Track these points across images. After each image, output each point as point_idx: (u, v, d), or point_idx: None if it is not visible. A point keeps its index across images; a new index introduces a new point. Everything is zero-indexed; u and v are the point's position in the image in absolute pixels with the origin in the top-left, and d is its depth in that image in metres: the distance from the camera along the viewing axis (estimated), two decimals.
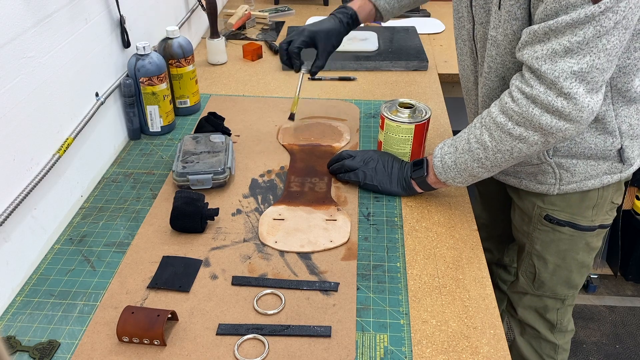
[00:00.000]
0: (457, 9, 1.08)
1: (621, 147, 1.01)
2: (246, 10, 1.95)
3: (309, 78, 1.22)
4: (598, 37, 0.80)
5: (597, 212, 1.10)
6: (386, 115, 1.14)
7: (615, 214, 1.14)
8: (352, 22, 1.24)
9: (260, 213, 1.06)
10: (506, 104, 0.91)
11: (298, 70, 1.22)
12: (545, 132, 0.89)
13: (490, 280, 0.93)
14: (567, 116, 0.86)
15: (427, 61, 1.65)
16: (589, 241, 1.14)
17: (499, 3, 0.92)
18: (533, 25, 0.86)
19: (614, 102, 0.97)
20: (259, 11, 2.04)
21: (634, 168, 1.06)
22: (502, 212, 1.36)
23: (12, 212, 0.86)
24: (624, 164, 1.04)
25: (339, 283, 0.91)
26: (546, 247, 1.16)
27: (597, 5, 0.78)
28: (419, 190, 1.09)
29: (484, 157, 0.96)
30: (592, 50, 0.81)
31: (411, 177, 1.08)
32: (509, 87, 0.94)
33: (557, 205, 1.10)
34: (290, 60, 1.21)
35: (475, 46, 1.05)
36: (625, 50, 0.91)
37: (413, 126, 1.13)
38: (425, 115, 1.15)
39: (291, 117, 1.28)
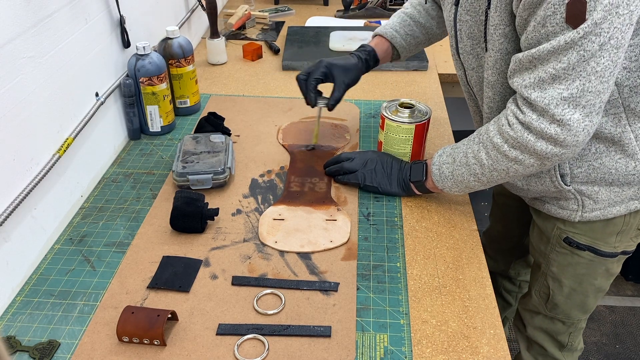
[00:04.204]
0: (451, 54, 1.07)
1: None
2: (246, 10, 1.95)
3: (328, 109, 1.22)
4: (584, 61, 0.78)
5: (621, 239, 1.04)
6: (386, 115, 1.14)
7: (639, 240, 1.07)
8: (370, 58, 1.23)
9: (260, 213, 1.06)
10: (503, 125, 0.90)
11: (314, 105, 1.18)
12: (540, 157, 0.88)
13: (490, 280, 0.93)
14: (562, 142, 0.84)
15: (427, 61, 1.65)
16: (609, 267, 1.08)
17: (486, 46, 0.91)
18: (518, 54, 0.85)
19: (631, 123, 0.91)
20: (259, 11, 2.04)
21: None
22: (517, 227, 1.34)
23: (12, 212, 0.86)
24: None
25: (339, 283, 0.91)
26: (563, 270, 1.10)
27: (575, 31, 0.76)
28: (417, 193, 1.09)
29: (480, 173, 0.96)
30: (580, 75, 0.79)
31: (410, 180, 1.08)
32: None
33: (578, 228, 1.04)
34: (308, 94, 1.17)
35: (472, 90, 1.05)
36: (636, 69, 0.87)
37: (413, 126, 1.13)
38: (425, 115, 1.15)
39: (311, 149, 1.25)
